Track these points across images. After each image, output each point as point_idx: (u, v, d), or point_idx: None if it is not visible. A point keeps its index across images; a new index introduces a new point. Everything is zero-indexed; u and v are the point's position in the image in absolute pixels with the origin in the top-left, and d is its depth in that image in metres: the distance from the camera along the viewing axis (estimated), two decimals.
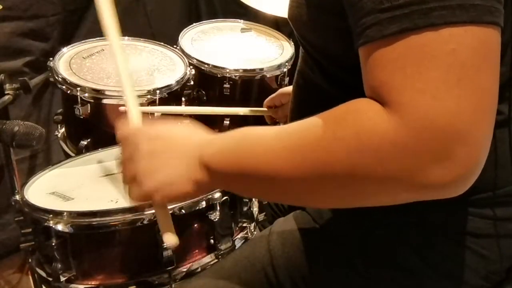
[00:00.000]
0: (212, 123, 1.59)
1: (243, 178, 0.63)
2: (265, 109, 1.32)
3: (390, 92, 0.51)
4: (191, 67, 1.46)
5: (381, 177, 0.52)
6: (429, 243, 0.71)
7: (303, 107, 0.81)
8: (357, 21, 0.53)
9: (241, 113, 1.37)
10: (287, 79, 1.61)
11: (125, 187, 0.71)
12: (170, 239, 0.70)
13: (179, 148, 0.68)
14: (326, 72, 0.73)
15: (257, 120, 1.58)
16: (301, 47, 0.79)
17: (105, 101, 1.29)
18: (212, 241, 0.97)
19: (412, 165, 0.50)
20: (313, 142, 0.55)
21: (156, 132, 0.70)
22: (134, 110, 0.77)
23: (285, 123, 1.55)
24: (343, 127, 0.53)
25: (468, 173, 0.51)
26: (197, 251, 0.97)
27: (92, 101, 1.28)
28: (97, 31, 1.75)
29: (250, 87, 1.57)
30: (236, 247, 1.00)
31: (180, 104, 1.51)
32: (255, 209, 1.06)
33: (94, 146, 1.28)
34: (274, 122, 1.52)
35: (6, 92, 1.15)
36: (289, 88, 1.25)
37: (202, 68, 1.51)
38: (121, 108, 1.18)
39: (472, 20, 0.48)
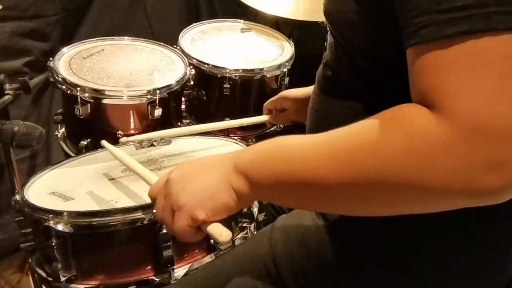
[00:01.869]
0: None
1: (283, 187, 0.61)
2: (266, 117, 1.32)
3: (443, 97, 0.50)
4: (191, 67, 1.46)
5: (431, 182, 0.51)
6: (440, 247, 0.71)
7: (330, 100, 0.79)
8: (411, 19, 0.52)
9: (245, 124, 1.37)
10: (287, 79, 1.61)
11: (172, 229, 0.68)
12: (224, 238, 0.67)
13: (209, 165, 0.67)
14: (359, 69, 0.71)
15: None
16: (329, 41, 0.78)
17: (105, 101, 1.29)
18: (212, 241, 0.97)
19: (464, 170, 0.49)
20: (361, 148, 0.54)
21: (180, 164, 0.70)
22: (147, 175, 0.83)
23: (285, 126, 1.55)
24: (393, 131, 0.53)
25: None
26: (197, 251, 0.97)
27: (92, 101, 1.28)
28: (97, 31, 1.77)
29: (250, 87, 1.57)
30: None
31: (180, 104, 1.51)
32: (255, 209, 1.06)
33: (94, 146, 1.28)
34: (272, 126, 1.52)
35: (6, 92, 1.16)
36: (291, 92, 1.25)
37: (202, 68, 1.51)
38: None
39: None
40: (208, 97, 1.55)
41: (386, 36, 0.58)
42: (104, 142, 1.09)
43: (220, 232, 0.66)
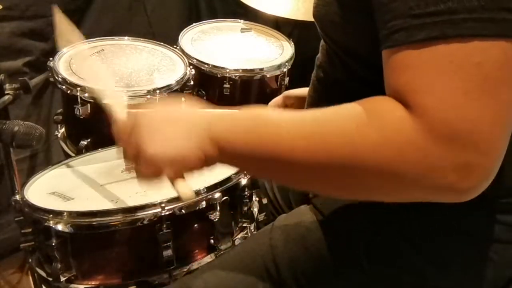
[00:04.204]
0: None
1: (255, 160, 0.62)
2: None
3: (414, 95, 0.52)
4: (191, 67, 1.46)
5: (400, 173, 0.53)
6: (439, 245, 0.71)
7: (322, 101, 0.80)
8: (386, 23, 0.54)
9: None
10: (287, 79, 1.61)
11: (134, 167, 0.68)
12: (186, 195, 0.67)
13: (183, 123, 0.66)
14: (349, 69, 0.73)
15: None
16: (321, 43, 0.80)
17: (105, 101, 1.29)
18: (212, 241, 0.97)
19: (430, 167, 0.51)
20: (335, 134, 0.56)
21: (153, 110, 0.69)
22: (119, 106, 0.77)
23: None
24: (368, 124, 0.54)
25: (481, 181, 0.52)
26: (197, 251, 0.97)
27: (92, 101, 1.28)
28: (97, 31, 1.77)
29: (250, 87, 1.56)
30: None
31: None
32: (255, 209, 1.06)
33: (94, 146, 1.28)
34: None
35: (6, 92, 1.15)
36: (294, 91, 1.25)
37: (202, 68, 1.51)
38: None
39: (501, 34, 0.49)
40: (208, 97, 1.55)
41: (371, 37, 0.59)
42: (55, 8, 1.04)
43: (184, 190, 0.66)
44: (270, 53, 1.64)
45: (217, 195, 0.94)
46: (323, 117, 0.59)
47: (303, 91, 1.20)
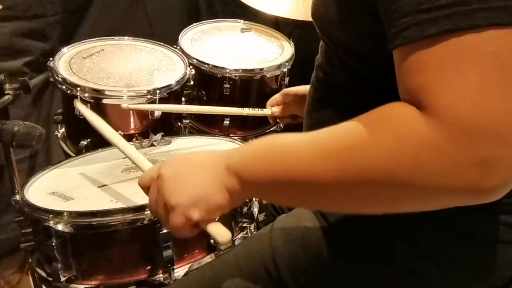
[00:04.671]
0: (212, 123, 1.60)
1: (275, 186, 0.61)
2: (267, 110, 1.32)
3: (429, 96, 0.50)
4: (191, 67, 1.46)
5: (421, 181, 0.51)
6: (440, 246, 0.71)
7: (323, 101, 0.80)
8: (394, 21, 0.53)
9: (245, 114, 1.37)
10: (287, 79, 1.61)
11: (167, 225, 0.69)
12: (225, 239, 0.68)
13: (201, 164, 0.67)
14: (348, 69, 0.72)
15: (258, 121, 1.59)
16: (321, 43, 0.79)
17: (105, 101, 1.29)
18: (212, 241, 0.97)
19: (452, 169, 0.49)
20: (350, 147, 0.55)
21: (171, 160, 0.70)
22: (141, 160, 0.82)
23: (285, 126, 1.55)
24: (381, 131, 0.53)
25: (506, 175, 0.50)
26: (197, 251, 0.97)
27: (92, 101, 1.28)
28: (97, 31, 1.77)
29: (250, 87, 1.57)
30: None
31: (180, 104, 1.51)
32: (255, 209, 1.06)
33: (94, 146, 1.28)
34: (277, 123, 1.52)
35: (6, 92, 1.15)
36: (292, 88, 1.25)
37: (202, 68, 1.51)
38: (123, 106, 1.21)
39: None
40: (208, 97, 1.55)
41: (371, 36, 0.58)
42: (77, 103, 1.12)
43: (220, 233, 0.68)
44: (270, 53, 1.64)
45: None
46: (339, 132, 0.57)
47: (302, 88, 1.20)
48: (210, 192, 0.65)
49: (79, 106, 1.10)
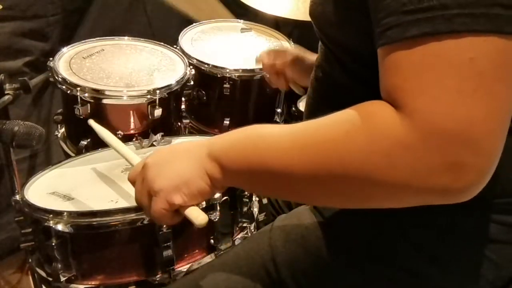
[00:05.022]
0: (212, 123, 1.60)
1: (253, 175, 0.63)
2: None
3: (405, 97, 0.51)
4: (191, 67, 1.46)
5: (390, 179, 0.52)
6: (439, 246, 0.71)
7: (322, 101, 0.81)
8: (379, 21, 0.53)
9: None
10: None
11: (149, 213, 0.70)
12: (201, 221, 0.69)
13: (184, 151, 0.69)
14: (347, 68, 0.73)
15: (258, 121, 1.59)
16: (320, 43, 0.79)
17: (105, 101, 1.29)
18: (212, 241, 0.97)
19: (422, 170, 0.50)
20: (326, 142, 0.56)
21: (155, 152, 0.72)
22: (130, 156, 0.84)
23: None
24: (356, 129, 0.54)
25: (476, 181, 0.51)
26: (197, 251, 0.97)
27: (92, 101, 1.28)
28: (97, 31, 1.77)
29: (250, 87, 1.57)
30: None
31: (180, 104, 1.51)
32: (255, 209, 1.06)
33: (94, 146, 1.27)
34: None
35: (6, 92, 1.15)
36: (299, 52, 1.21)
37: (202, 68, 1.51)
38: None
39: (494, 30, 0.48)
40: (208, 97, 1.55)
41: (368, 35, 0.59)
42: (91, 121, 1.12)
43: (197, 216, 0.68)
44: None
45: (217, 195, 0.93)
46: (317, 126, 0.59)
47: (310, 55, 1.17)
48: (192, 177, 0.66)
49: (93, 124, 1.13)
